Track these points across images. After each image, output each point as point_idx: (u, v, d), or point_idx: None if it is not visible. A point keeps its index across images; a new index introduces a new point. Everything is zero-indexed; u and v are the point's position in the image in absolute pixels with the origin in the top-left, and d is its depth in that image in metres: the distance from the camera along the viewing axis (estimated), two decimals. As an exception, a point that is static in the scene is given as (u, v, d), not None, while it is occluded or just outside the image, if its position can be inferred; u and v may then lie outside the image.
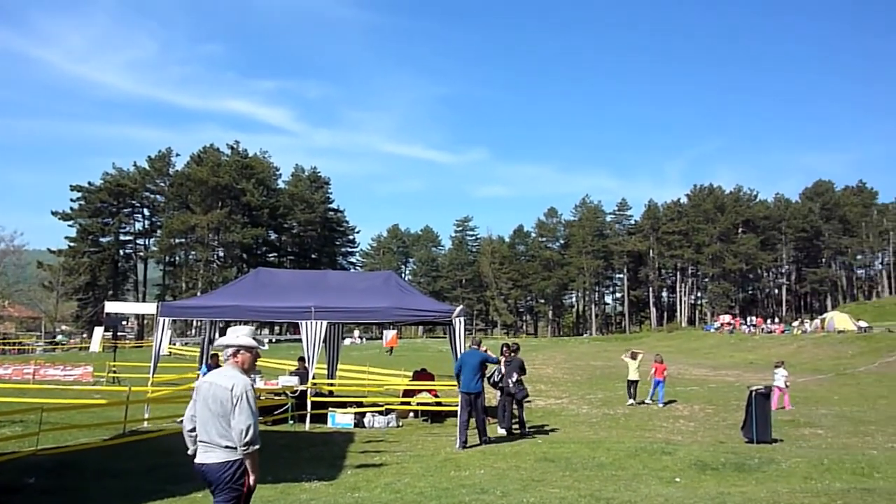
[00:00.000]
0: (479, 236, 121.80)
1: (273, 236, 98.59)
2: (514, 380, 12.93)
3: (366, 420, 14.24)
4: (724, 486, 8.15)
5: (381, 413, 14.42)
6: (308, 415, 13.57)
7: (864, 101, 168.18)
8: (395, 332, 31.70)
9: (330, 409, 14.34)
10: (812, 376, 27.58)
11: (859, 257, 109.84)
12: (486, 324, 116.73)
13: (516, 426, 13.18)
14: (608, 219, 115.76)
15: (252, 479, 4.22)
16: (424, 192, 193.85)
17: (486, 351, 12.44)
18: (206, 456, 4.22)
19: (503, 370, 13.33)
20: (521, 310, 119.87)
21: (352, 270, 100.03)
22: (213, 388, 4.28)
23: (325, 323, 13.20)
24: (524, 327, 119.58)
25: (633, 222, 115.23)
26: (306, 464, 9.75)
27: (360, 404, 15.22)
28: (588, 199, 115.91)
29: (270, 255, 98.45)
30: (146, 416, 13.65)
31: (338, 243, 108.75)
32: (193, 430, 4.36)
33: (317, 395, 14.95)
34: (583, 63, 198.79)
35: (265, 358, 26.57)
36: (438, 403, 15.31)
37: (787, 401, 17.36)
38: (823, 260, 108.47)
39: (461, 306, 13.87)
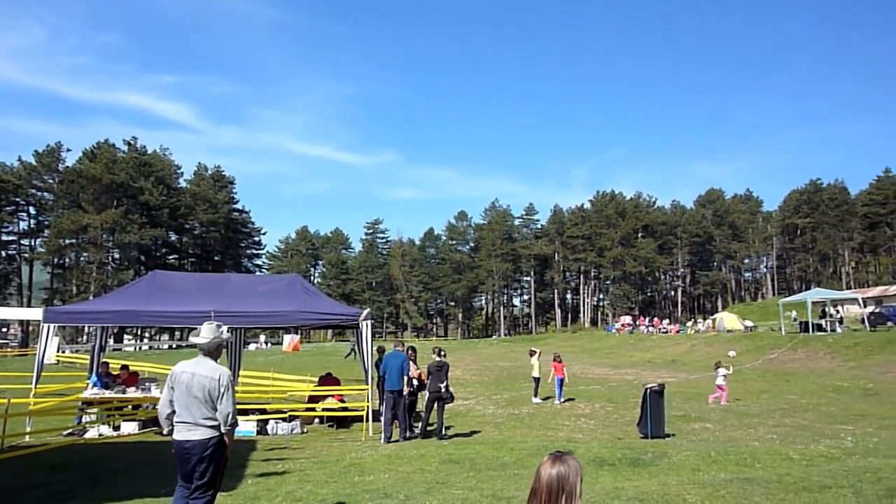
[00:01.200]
0: (389, 239, 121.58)
1: (173, 237, 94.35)
2: (445, 384, 13.00)
3: (269, 427, 13.87)
4: (619, 480, 8.47)
5: (284, 420, 14.09)
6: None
7: (750, 114, 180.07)
8: (297, 336, 30.91)
9: (231, 416, 13.86)
10: (703, 373, 29.10)
11: (746, 261, 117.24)
12: (396, 326, 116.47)
13: (431, 429, 13.22)
14: (516, 223, 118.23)
15: (229, 451, 5.28)
16: (334, 193, 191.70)
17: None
18: (190, 434, 5.09)
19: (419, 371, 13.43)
20: (432, 312, 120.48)
21: (258, 273, 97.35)
22: (195, 377, 5.19)
23: (225, 328, 12.73)
24: (434, 329, 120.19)
25: (539, 226, 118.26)
26: (204, 475, 9.35)
27: (263, 411, 14.80)
28: (497, 203, 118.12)
29: (170, 256, 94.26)
30: (28, 429, 12.73)
31: (243, 245, 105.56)
32: (171, 413, 5.19)
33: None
34: (492, 69, 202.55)
35: (161, 365, 25.40)
36: (345, 408, 15.11)
37: (725, 397, 18.39)
38: (715, 263, 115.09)
39: (368, 309, 13.78)
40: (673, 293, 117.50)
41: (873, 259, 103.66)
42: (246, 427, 13.49)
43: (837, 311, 41.87)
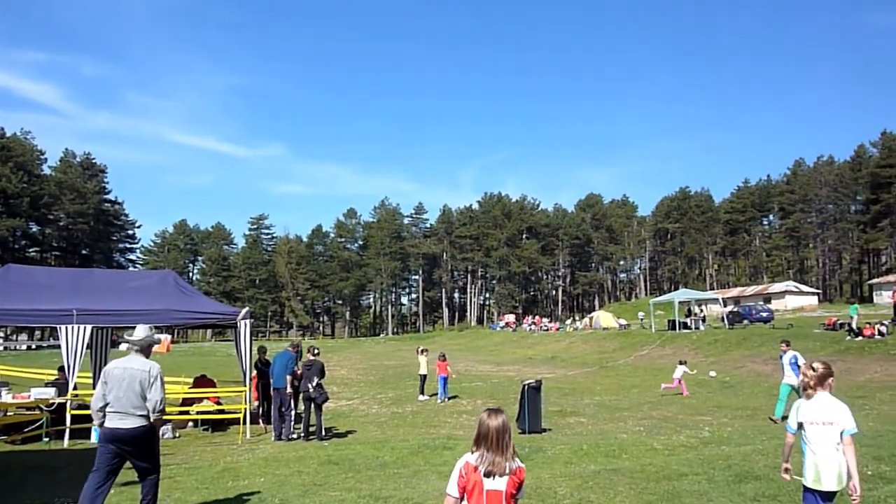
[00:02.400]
0: (275, 235, 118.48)
1: (35, 228, 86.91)
2: (314, 384, 12.69)
3: (138, 432, 13.07)
4: (495, 475, 8.63)
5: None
6: (67, 430, 12.14)
7: (627, 124, 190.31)
8: (168, 336, 29.41)
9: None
10: (580, 369, 30.47)
11: (622, 262, 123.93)
12: (281, 325, 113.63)
13: (312, 431, 12.94)
14: (405, 221, 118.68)
15: (159, 435, 6.29)
16: (216, 186, 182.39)
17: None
18: (121, 422, 5.72)
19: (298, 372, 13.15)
20: (318, 311, 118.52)
21: (130, 269, 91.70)
22: (127, 371, 5.86)
23: (89, 327, 11.86)
24: (321, 328, 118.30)
25: (428, 226, 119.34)
26: (62, 486, 8.64)
27: (131, 415, 13.89)
28: (387, 202, 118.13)
29: (31, 249, 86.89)
30: None
31: (114, 238, 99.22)
32: (104, 406, 5.77)
33: (79, 407, 13.40)
34: (384, 67, 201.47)
35: (18, 368, 23.32)
36: (221, 411, 14.51)
37: (685, 389, 19.73)
38: (593, 265, 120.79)
39: (247, 308, 13.29)
40: (554, 292, 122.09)
41: (733, 262, 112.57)
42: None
43: (701, 311, 45.08)
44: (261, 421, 14.53)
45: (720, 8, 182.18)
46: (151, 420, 5.85)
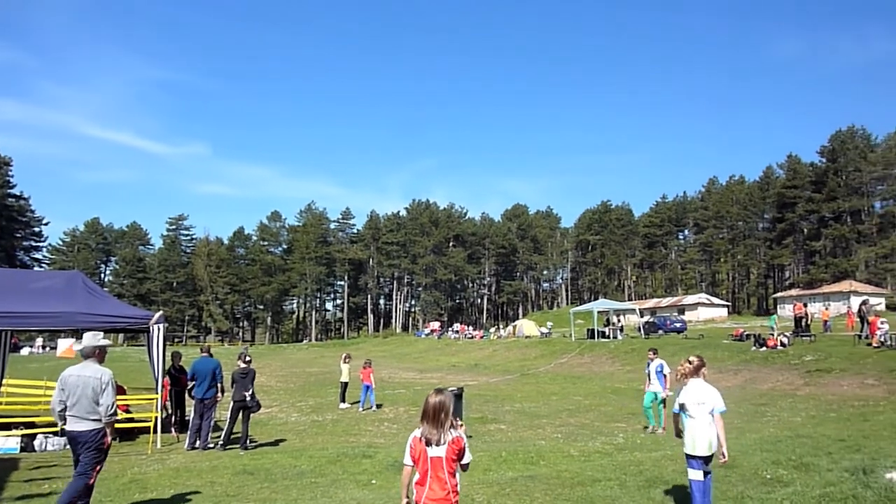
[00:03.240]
0: (195, 236, 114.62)
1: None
2: (249, 392, 12.32)
3: (36, 443, 12.33)
4: (414, 484, 8.62)
5: (56, 434, 12.58)
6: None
7: (553, 137, 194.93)
8: (74, 340, 27.91)
9: (-11, 432, 12.16)
10: (503, 377, 30.82)
11: (545, 272, 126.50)
12: (198, 330, 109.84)
13: (236, 438, 12.52)
14: (332, 226, 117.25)
15: (109, 439, 6.48)
16: (133, 184, 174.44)
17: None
18: (78, 426, 6.26)
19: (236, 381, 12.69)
20: (239, 315, 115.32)
21: (35, 269, 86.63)
22: (81, 378, 6.34)
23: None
24: (241, 334, 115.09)
25: (355, 231, 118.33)
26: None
27: (31, 425, 13.09)
28: (313, 206, 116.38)
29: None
30: None
31: (19, 236, 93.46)
32: (62, 410, 6.30)
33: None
34: (313, 69, 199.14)
35: None
36: (130, 419, 13.87)
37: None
38: (518, 274, 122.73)
39: (160, 312, 12.78)
40: (479, 300, 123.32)
41: (650, 274, 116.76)
42: (7, 444, 11.88)
43: (619, 320, 46.51)
44: (173, 429, 13.97)
45: (644, 32, 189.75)
46: (104, 423, 6.33)
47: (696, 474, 5.75)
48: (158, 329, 12.01)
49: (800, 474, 7.35)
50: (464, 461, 4.19)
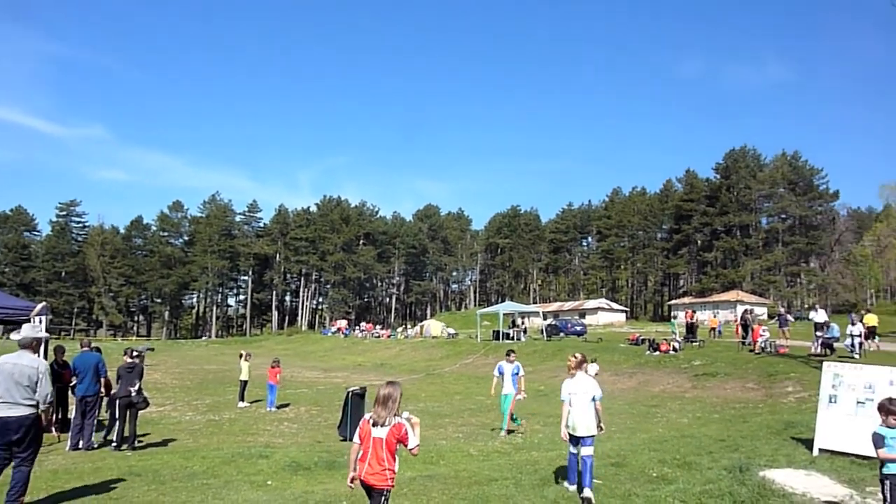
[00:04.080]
0: (87, 224, 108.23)
1: None
2: (136, 388, 11.64)
3: None
4: (312, 484, 8.48)
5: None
6: None
7: (466, 141, 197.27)
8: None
9: None
10: (408, 376, 30.83)
11: (454, 273, 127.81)
12: (89, 324, 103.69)
13: (126, 438, 11.84)
14: (238, 219, 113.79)
15: (43, 422, 7.14)
16: (20, 165, 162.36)
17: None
18: (10, 411, 6.44)
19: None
20: (133, 309, 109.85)
21: None
22: (17, 367, 6.58)
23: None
24: (136, 328, 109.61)
25: (262, 225, 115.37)
26: None
27: None
28: (218, 197, 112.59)
29: None
30: None
31: None
32: None
33: None
34: (223, 55, 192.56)
35: None
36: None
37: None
38: (427, 274, 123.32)
39: (44, 303, 11.95)
40: (388, 300, 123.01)
41: (555, 278, 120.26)
42: None
43: (523, 322, 47.57)
44: (53, 429, 13.08)
45: (559, 46, 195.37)
46: (40, 411, 6.73)
47: (573, 449, 7.22)
48: (40, 321, 11.21)
49: (683, 472, 7.75)
50: (410, 445, 4.79)
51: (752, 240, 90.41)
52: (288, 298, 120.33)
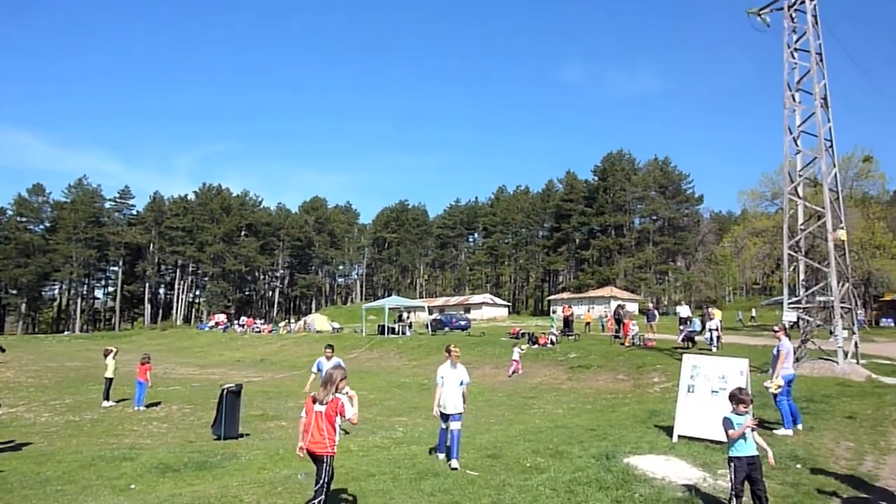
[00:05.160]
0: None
1: None
2: None
3: None
4: (180, 486, 8.07)
5: None
6: None
7: (357, 133, 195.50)
8: None
9: None
10: (289, 372, 30.09)
11: (341, 267, 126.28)
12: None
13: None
14: (107, 205, 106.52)
15: None
16: None
17: None
18: None
19: None
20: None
21: None
22: None
23: None
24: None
25: (135, 213, 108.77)
26: None
27: None
28: (85, 181, 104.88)
29: None
30: None
31: None
32: None
33: None
34: (93, 24, 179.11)
35: None
36: None
37: (520, 369, 24.42)
38: (313, 267, 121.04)
39: None
40: (271, 293, 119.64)
41: (441, 273, 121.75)
42: None
43: (408, 317, 47.76)
44: None
45: (453, 44, 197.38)
46: None
47: (443, 424, 8.60)
48: None
49: (554, 461, 8.05)
50: (348, 415, 5.71)
51: (625, 239, 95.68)
52: (162, 291, 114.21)
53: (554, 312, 56.25)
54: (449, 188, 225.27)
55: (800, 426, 9.86)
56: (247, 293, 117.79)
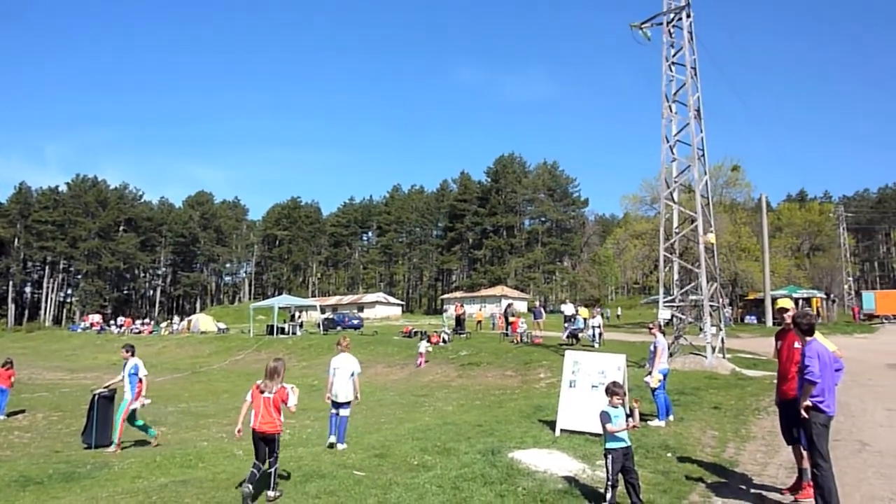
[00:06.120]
0: None
1: None
2: None
3: None
4: (43, 500, 7.53)
5: None
6: None
7: (245, 126, 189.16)
8: None
9: None
10: (171, 375, 28.73)
11: (228, 265, 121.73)
12: None
13: None
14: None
15: None
16: None
17: None
18: None
19: None
20: None
21: None
22: None
23: None
24: None
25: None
26: None
27: None
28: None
29: None
30: None
31: None
32: None
33: None
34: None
35: None
36: None
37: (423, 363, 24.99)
38: (198, 265, 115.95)
39: None
40: (152, 292, 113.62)
41: (335, 272, 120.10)
42: None
43: (299, 316, 46.78)
44: None
45: (343, 40, 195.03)
46: None
47: (334, 411, 9.57)
48: None
49: (442, 458, 8.13)
50: (290, 404, 6.91)
51: (516, 240, 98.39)
52: (28, 290, 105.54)
53: (445, 311, 56.91)
54: (343, 186, 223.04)
55: (672, 417, 10.51)
56: (125, 292, 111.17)
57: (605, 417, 6.17)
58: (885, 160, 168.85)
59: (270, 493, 6.53)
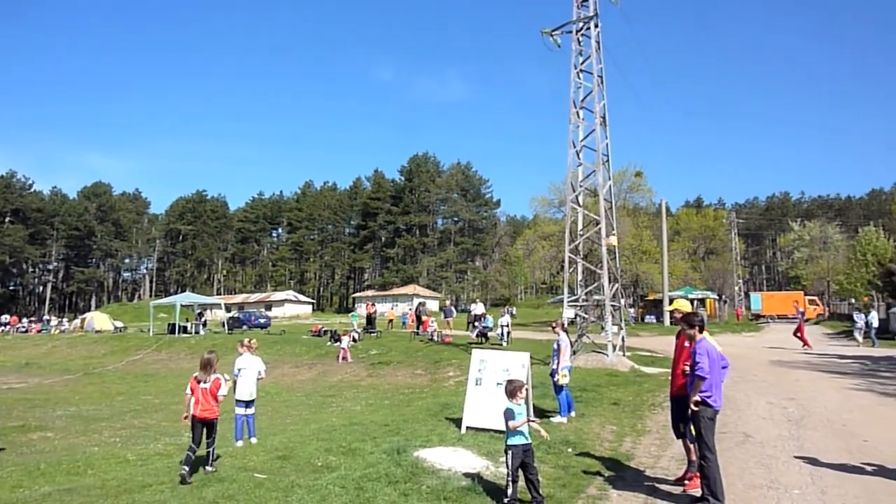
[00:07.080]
0: None
1: None
2: None
3: None
4: None
5: None
6: None
7: (147, 114, 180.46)
8: None
9: None
10: (61, 377, 27.07)
11: (127, 261, 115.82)
12: None
13: None
14: None
15: None
16: None
17: None
18: None
19: None
20: None
21: None
22: None
23: None
24: None
25: None
26: None
27: None
28: None
29: None
30: None
31: None
32: None
33: None
34: None
35: None
36: None
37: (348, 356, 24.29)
38: (94, 260, 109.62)
39: None
40: (41, 288, 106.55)
41: (242, 269, 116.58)
42: None
43: (203, 315, 45.11)
44: None
45: (261, 32, 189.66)
46: None
47: (240, 411, 10.23)
48: None
49: (346, 459, 8.05)
50: (220, 393, 7.78)
51: (429, 239, 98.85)
52: None
53: (355, 310, 56.47)
54: (252, 181, 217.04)
55: (573, 413, 10.84)
56: (11, 288, 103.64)
57: (509, 415, 6.28)
58: (772, 170, 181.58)
59: (208, 468, 7.59)
